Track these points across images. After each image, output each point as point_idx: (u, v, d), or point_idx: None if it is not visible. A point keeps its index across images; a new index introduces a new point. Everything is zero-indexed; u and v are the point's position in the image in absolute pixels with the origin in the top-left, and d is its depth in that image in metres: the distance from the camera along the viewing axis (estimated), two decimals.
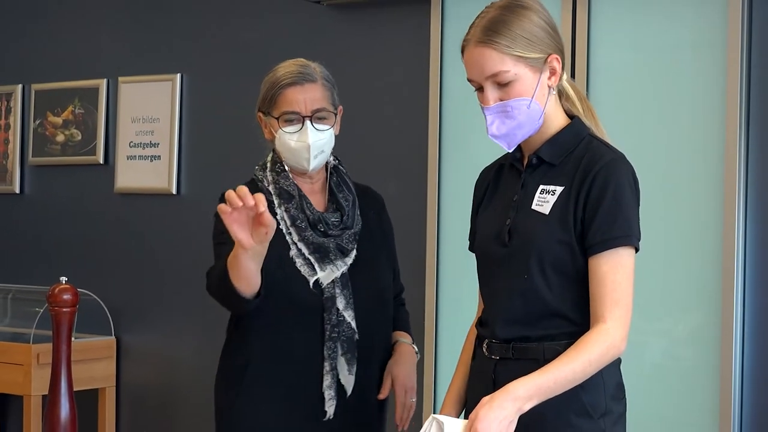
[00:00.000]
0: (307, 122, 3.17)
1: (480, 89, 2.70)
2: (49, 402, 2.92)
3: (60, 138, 6.33)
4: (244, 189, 2.74)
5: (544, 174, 2.74)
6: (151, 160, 5.88)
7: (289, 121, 3.19)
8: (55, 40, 6.43)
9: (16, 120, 6.54)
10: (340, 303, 3.16)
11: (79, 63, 6.28)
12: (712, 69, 4.20)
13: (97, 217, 6.15)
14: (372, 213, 3.39)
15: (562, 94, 2.80)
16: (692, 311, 4.23)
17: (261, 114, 3.30)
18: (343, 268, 3.18)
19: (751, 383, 4.13)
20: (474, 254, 2.93)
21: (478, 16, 2.71)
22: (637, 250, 2.67)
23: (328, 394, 3.13)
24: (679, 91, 4.30)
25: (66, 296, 2.95)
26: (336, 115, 3.26)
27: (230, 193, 2.75)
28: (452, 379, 2.96)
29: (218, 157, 5.73)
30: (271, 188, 3.25)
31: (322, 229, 3.18)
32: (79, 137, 6.24)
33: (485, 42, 2.64)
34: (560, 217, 2.66)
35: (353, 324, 3.16)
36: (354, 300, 3.18)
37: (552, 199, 2.68)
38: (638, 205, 2.72)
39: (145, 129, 5.90)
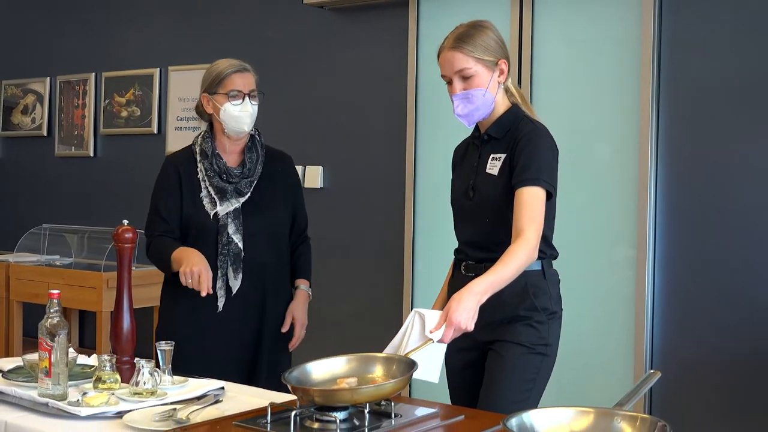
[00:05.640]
0: (247, 98, 3.39)
1: (450, 83, 2.93)
2: (114, 316, 2.88)
3: (124, 114, 6.31)
4: (204, 284, 3.21)
5: (493, 146, 2.95)
6: (193, 131, 5.86)
7: (234, 97, 3.37)
8: (120, 39, 6.42)
9: (90, 100, 6.53)
10: (231, 229, 3.36)
11: (138, 56, 6.27)
12: (629, 58, 4.20)
13: (153, 174, 6.08)
14: (279, 169, 3.54)
15: (508, 91, 3.00)
16: (613, 247, 4.22)
17: (206, 95, 3.43)
18: (236, 204, 3.38)
19: (660, 302, 4.14)
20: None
21: (451, 32, 2.93)
22: (549, 193, 2.82)
23: (219, 293, 3.35)
24: (604, 74, 4.29)
25: (127, 235, 2.92)
26: (263, 95, 3.48)
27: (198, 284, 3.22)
28: (440, 292, 3.15)
29: None
30: (198, 149, 3.47)
31: (225, 178, 3.40)
32: (139, 113, 6.23)
33: (455, 47, 2.89)
34: (503, 174, 2.88)
35: (240, 244, 3.35)
36: (243, 227, 3.37)
37: (499, 164, 2.90)
38: (555, 162, 2.90)
39: (189, 107, 5.87)
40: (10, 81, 7.07)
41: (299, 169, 5.37)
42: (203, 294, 3.21)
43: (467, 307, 2.61)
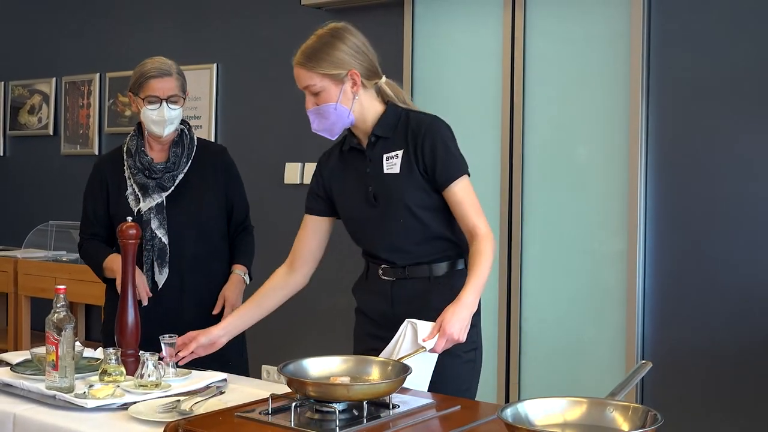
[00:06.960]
0: (165, 103, 3.33)
1: None
2: (119, 310, 2.87)
3: (127, 113, 6.31)
4: (143, 294, 3.26)
5: (384, 146, 2.80)
6: (196, 129, 5.79)
7: (152, 102, 3.34)
8: (122, 40, 6.41)
9: (95, 100, 6.52)
10: (154, 224, 3.32)
11: (141, 56, 6.17)
12: (620, 55, 4.18)
13: None
14: (210, 161, 3.49)
15: (381, 91, 2.85)
16: (604, 240, 4.22)
17: (131, 94, 3.42)
18: (159, 199, 3.34)
19: (651, 293, 4.14)
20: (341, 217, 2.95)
21: (304, 43, 2.79)
22: (469, 174, 2.76)
23: (145, 289, 3.32)
24: (595, 71, 4.27)
25: (131, 231, 2.91)
26: (184, 99, 3.40)
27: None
28: (249, 299, 3.00)
29: (244, 125, 5.71)
30: (125, 148, 3.45)
31: (148, 174, 3.36)
32: None
33: (300, 64, 2.75)
34: (408, 171, 2.74)
35: (164, 239, 3.32)
36: (169, 221, 3.34)
37: (397, 161, 2.76)
38: (456, 143, 2.78)
39: (191, 105, 5.85)
40: (16, 82, 7.06)
41: (297, 165, 5.36)
42: (144, 303, 3.24)
43: (461, 318, 2.56)
